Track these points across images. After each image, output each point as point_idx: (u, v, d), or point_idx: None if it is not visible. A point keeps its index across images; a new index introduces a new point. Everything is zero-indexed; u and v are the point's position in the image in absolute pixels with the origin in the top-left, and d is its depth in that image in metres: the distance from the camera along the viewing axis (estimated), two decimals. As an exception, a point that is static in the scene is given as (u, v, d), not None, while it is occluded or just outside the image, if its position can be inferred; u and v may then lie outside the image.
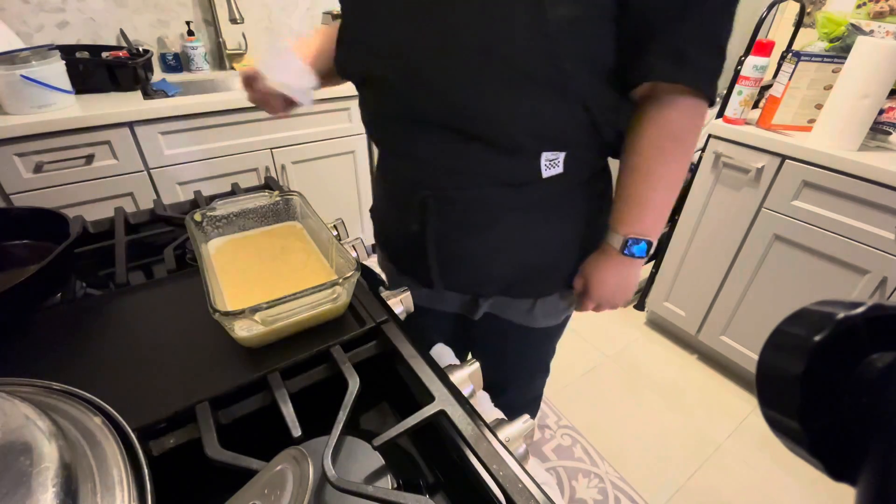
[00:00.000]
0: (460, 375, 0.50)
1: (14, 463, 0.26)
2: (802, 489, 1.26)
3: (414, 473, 0.46)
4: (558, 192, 0.60)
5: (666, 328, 1.79)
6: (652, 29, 0.48)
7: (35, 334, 0.50)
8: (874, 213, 1.13)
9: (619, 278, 0.64)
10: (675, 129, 0.54)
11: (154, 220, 0.75)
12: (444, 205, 0.61)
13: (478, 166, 0.57)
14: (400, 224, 0.68)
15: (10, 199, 1.24)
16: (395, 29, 0.52)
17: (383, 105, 0.59)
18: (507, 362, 0.85)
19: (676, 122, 0.54)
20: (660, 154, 0.56)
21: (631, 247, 0.60)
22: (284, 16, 1.95)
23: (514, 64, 0.48)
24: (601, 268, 0.64)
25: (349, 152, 1.79)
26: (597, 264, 0.65)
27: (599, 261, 0.65)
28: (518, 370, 0.88)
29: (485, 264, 0.65)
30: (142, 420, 0.39)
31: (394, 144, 0.63)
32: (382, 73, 0.55)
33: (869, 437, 0.19)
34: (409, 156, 0.60)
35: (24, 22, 1.49)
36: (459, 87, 0.51)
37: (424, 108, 0.54)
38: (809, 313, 0.22)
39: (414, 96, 0.54)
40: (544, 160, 0.56)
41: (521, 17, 0.46)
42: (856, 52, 1.09)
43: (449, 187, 0.59)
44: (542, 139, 0.55)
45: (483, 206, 0.60)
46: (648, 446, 1.36)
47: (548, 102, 0.51)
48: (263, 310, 0.44)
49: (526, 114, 0.52)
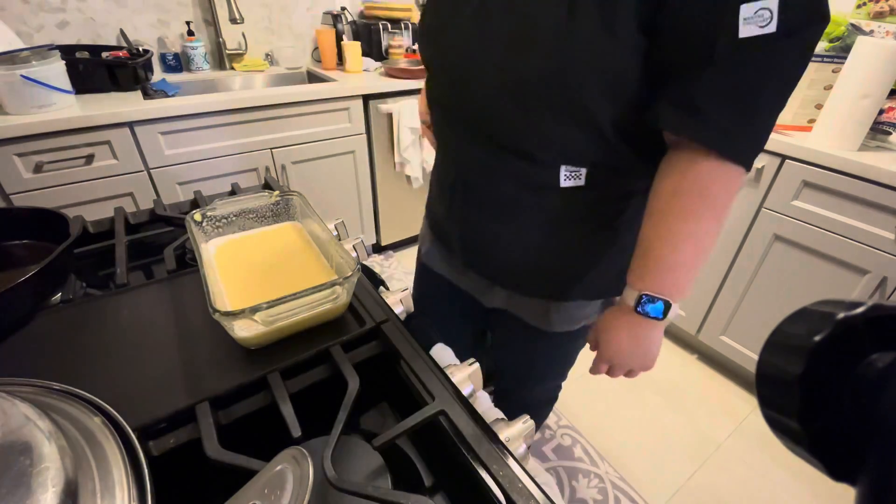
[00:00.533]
0: (460, 375, 0.50)
1: (14, 463, 0.26)
2: (802, 489, 1.26)
3: (414, 473, 0.46)
4: (579, 203, 0.60)
5: (666, 328, 1.78)
6: (672, 71, 0.46)
7: (35, 334, 0.50)
8: (874, 213, 1.13)
9: (633, 339, 0.59)
10: (695, 184, 0.49)
11: (154, 220, 0.75)
12: (467, 191, 0.66)
13: (499, 164, 0.60)
14: (438, 196, 0.76)
15: (10, 199, 1.24)
16: (447, 35, 0.58)
17: (434, 93, 0.67)
18: (519, 361, 0.86)
19: (698, 177, 0.49)
20: (678, 205, 0.51)
21: (645, 305, 0.55)
22: (284, 16, 1.95)
23: (531, 88, 0.51)
24: (613, 324, 0.60)
25: (349, 152, 1.79)
26: (609, 319, 0.61)
27: (612, 315, 0.61)
28: (529, 370, 0.88)
29: (500, 252, 0.68)
30: (142, 420, 0.39)
31: (439, 129, 0.69)
32: (436, 67, 0.63)
33: (869, 437, 0.19)
34: (447, 142, 0.68)
35: (24, 22, 1.49)
36: (489, 98, 0.55)
37: (461, 105, 0.60)
38: (809, 313, 0.22)
39: (454, 94, 0.60)
40: (564, 171, 0.57)
41: (549, 47, 0.48)
42: (856, 52, 1.09)
43: (473, 176, 0.64)
44: (559, 155, 0.56)
45: (502, 199, 0.63)
46: (648, 446, 1.36)
47: (563, 125, 0.52)
48: (263, 310, 0.44)
49: (543, 132, 0.54)
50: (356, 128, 1.75)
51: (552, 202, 0.60)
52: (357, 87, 1.67)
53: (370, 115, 1.75)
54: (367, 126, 1.78)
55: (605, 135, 0.52)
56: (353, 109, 1.71)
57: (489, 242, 0.68)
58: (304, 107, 1.59)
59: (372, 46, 1.99)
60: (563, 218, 0.62)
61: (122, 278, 0.59)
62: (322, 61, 1.92)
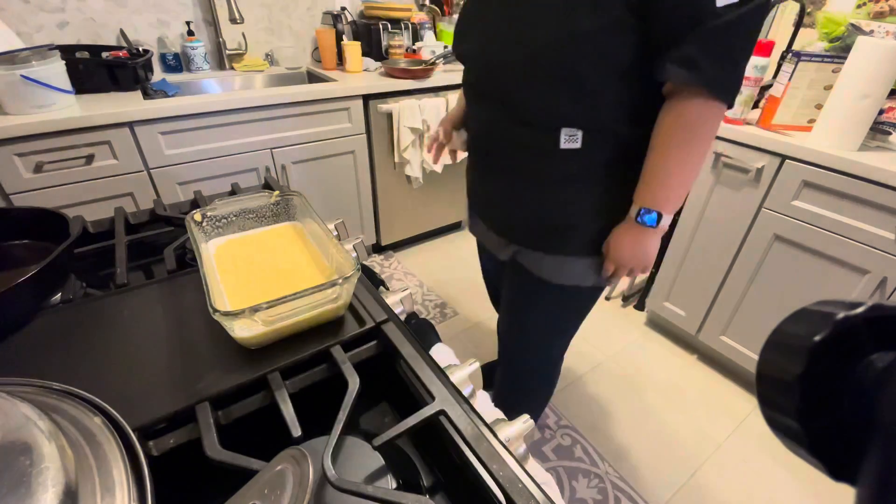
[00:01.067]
0: (460, 375, 0.50)
1: (14, 463, 0.26)
2: (802, 489, 1.26)
3: (414, 473, 0.46)
4: (577, 165, 0.73)
5: (666, 328, 1.79)
6: (668, 40, 0.59)
7: (35, 334, 0.50)
8: (874, 213, 1.13)
9: (635, 244, 0.74)
10: (689, 120, 0.64)
11: (154, 220, 0.75)
12: (488, 157, 0.83)
13: (508, 132, 0.75)
14: (469, 169, 0.93)
15: (10, 199, 1.24)
16: (476, 25, 0.75)
17: (466, 78, 0.83)
18: (524, 310, 0.97)
19: (691, 114, 0.64)
20: (674, 138, 0.66)
21: (643, 216, 0.71)
22: (284, 16, 1.95)
23: (538, 62, 0.65)
24: (620, 233, 0.76)
25: (349, 152, 1.79)
26: (617, 231, 0.77)
27: (619, 228, 0.77)
28: (532, 321, 0.98)
29: (509, 211, 0.84)
30: (142, 420, 0.39)
31: (469, 107, 0.85)
32: (467, 56, 0.79)
33: (869, 437, 0.18)
34: (472, 116, 0.84)
35: (24, 22, 1.49)
36: (502, 73, 0.71)
37: (481, 84, 0.77)
38: (809, 313, 0.22)
39: (479, 73, 0.77)
40: (563, 135, 0.70)
41: (550, 28, 0.62)
42: (856, 52, 1.09)
43: (491, 144, 0.80)
44: (559, 119, 0.69)
45: (509, 163, 0.78)
46: (648, 446, 1.36)
47: (564, 94, 0.66)
48: (263, 310, 0.44)
49: (546, 100, 0.68)
50: (356, 128, 1.75)
51: (552, 165, 0.73)
52: (357, 87, 1.67)
53: (370, 115, 1.75)
54: (367, 126, 1.78)
55: (599, 100, 0.66)
56: (353, 109, 1.71)
57: (498, 202, 0.85)
58: (304, 107, 1.59)
59: (372, 46, 1.99)
60: (562, 180, 0.75)
61: (122, 278, 0.59)
62: (322, 61, 1.92)
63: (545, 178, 0.75)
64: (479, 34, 0.74)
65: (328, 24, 2.00)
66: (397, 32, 2.02)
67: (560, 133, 0.69)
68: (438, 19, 2.20)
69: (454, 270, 2.12)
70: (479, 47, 0.74)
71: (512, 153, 0.77)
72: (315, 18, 2.03)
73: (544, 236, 0.81)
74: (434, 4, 2.20)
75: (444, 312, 1.86)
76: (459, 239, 2.38)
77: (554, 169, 0.74)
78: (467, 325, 1.80)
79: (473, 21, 0.76)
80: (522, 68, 0.67)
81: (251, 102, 1.47)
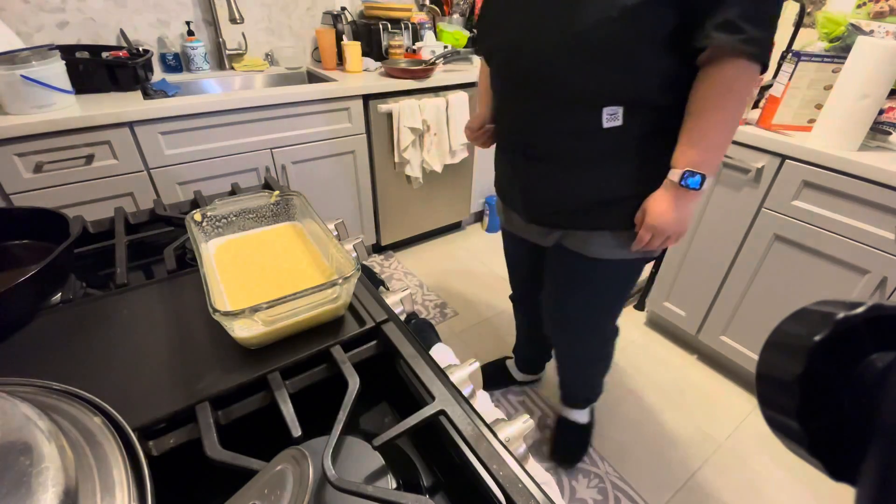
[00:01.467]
0: (460, 375, 0.50)
1: (14, 463, 0.26)
2: (802, 489, 1.26)
3: (414, 473, 0.46)
4: (617, 141, 0.75)
5: (666, 328, 1.79)
6: (708, 6, 0.63)
7: (35, 334, 0.50)
8: (874, 213, 1.13)
9: (676, 209, 0.76)
10: (727, 81, 0.67)
11: (154, 220, 0.75)
12: (527, 148, 0.83)
13: (551, 121, 0.77)
14: (501, 167, 0.95)
15: (10, 199, 1.24)
16: (508, 17, 0.76)
17: (498, 73, 0.83)
18: (574, 293, 1.00)
19: (729, 76, 0.67)
20: (712, 100, 0.69)
21: (687, 178, 0.73)
22: (284, 16, 1.95)
23: (583, 42, 0.68)
24: (659, 199, 0.77)
25: (349, 152, 1.79)
26: (655, 197, 0.78)
27: (658, 194, 0.78)
28: (585, 301, 1.01)
29: (552, 197, 0.85)
30: (142, 420, 0.39)
31: (501, 102, 0.86)
32: (499, 48, 0.80)
33: (869, 437, 0.18)
34: (509, 111, 0.84)
35: (24, 22, 1.49)
36: (544, 58, 0.72)
37: (520, 73, 0.77)
38: (809, 313, 0.22)
39: (515, 65, 0.77)
40: (605, 114, 0.72)
41: (598, 6, 0.65)
42: (856, 52, 1.09)
43: (529, 133, 0.81)
44: (603, 96, 0.71)
45: (552, 150, 0.80)
46: (648, 446, 1.36)
47: (608, 70, 0.69)
48: (263, 310, 0.44)
49: (590, 78, 0.70)
50: (356, 128, 1.75)
51: (595, 146, 0.76)
52: (357, 87, 1.67)
53: (370, 115, 1.75)
54: (367, 126, 1.78)
55: (640, 74, 0.69)
56: (353, 109, 1.71)
57: (543, 188, 0.85)
58: (304, 107, 1.59)
59: (372, 46, 1.99)
60: (604, 159, 0.77)
61: (122, 278, 0.59)
62: (322, 61, 1.92)
63: (587, 158, 0.78)
64: (515, 26, 0.75)
65: (328, 24, 2.00)
66: (397, 32, 2.02)
67: (602, 112, 0.72)
68: (438, 19, 2.20)
69: (454, 270, 2.12)
70: (517, 38, 0.75)
71: (554, 139, 0.78)
72: (315, 18, 2.03)
73: (588, 215, 0.83)
74: (434, 4, 2.20)
75: (444, 312, 1.86)
76: (459, 239, 2.38)
77: (595, 148, 0.76)
78: (467, 325, 1.80)
79: (502, 16, 0.78)
80: (570, 50, 0.69)
81: (251, 102, 1.47)
